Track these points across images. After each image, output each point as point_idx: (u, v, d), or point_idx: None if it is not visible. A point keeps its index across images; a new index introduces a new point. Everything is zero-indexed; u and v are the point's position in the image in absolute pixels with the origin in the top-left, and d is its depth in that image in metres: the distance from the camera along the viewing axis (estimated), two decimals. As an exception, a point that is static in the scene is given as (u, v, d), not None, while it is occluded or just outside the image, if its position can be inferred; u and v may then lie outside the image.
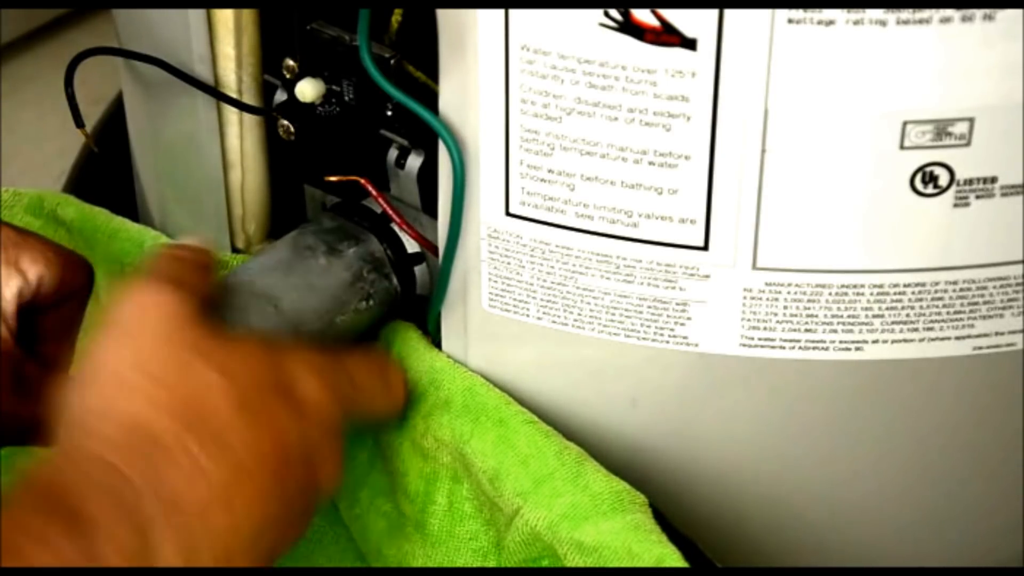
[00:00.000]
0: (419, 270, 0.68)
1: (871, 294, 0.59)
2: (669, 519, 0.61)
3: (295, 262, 0.65)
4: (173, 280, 0.57)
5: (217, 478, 0.53)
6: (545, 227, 0.60)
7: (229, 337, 0.57)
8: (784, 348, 0.60)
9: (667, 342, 0.61)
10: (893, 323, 0.59)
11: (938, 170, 0.56)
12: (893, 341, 0.60)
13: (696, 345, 0.61)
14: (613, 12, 0.54)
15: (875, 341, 0.60)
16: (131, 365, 0.55)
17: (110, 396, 0.54)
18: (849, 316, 0.59)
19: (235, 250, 0.74)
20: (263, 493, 0.54)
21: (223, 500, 0.53)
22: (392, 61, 0.63)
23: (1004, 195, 0.57)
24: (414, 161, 0.65)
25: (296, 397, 0.57)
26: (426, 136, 0.64)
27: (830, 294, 0.59)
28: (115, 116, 0.85)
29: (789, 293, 0.59)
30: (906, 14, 0.53)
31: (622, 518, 0.59)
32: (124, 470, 0.52)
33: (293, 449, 0.56)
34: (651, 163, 0.57)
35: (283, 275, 0.65)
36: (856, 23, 0.53)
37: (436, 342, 0.66)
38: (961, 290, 0.59)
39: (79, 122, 0.71)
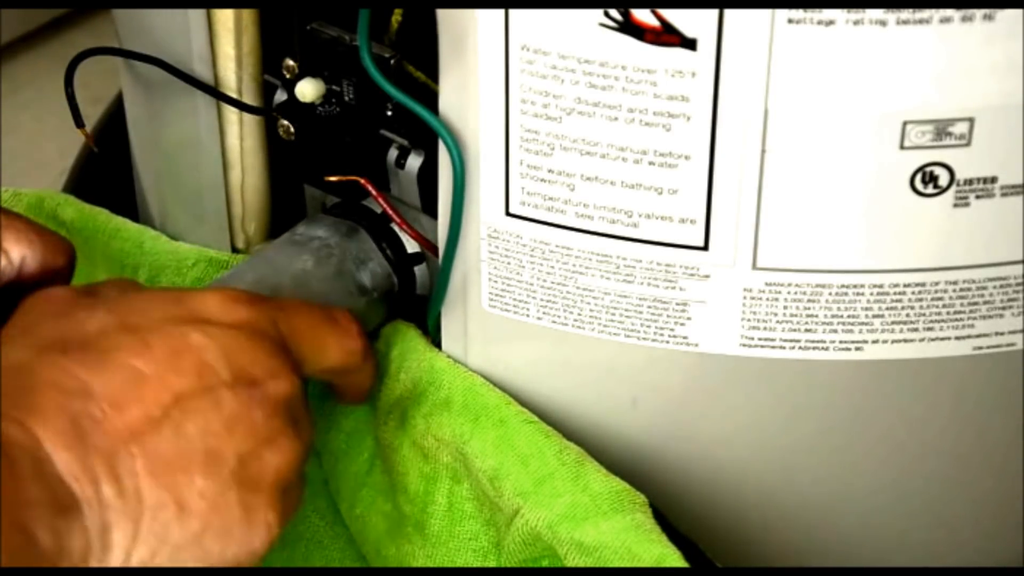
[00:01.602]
0: (419, 270, 0.68)
1: (871, 294, 0.59)
2: (669, 519, 0.61)
3: (284, 260, 0.65)
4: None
5: (110, 387, 0.50)
6: (545, 227, 0.60)
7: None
8: (784, 348, 0.60)
9: (667, 342, 0.61)
10: (893, 323, 0.59)
11: (938, 170, 0.56)
12: (893, 341, 0.60)
13: (696, 345, 0.61)
14: (613, 12, 0.54)
15: (875, 341, 0.60)
16: (17, 331, 0.53)
17: None
18: (849, 316, 0.59)
19: (235, 250, 0.73)
20: (177, 395, 0.51)
21: (119, 407, 0.50)
22: (392, 61, 0.63)
23: (1004, 195, 0.57)
24: (414, 161, 0.65)
25: (206, 319, 0.53)
26: (426, 136, 0.64)
27: (830, 294, 0.59)
28: (115, 116, 0.85)
29: (789, 293, 0.59)
30: (906, 14, 0.53)
31: (622, 518, 0.59)
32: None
33: (204, 352, 0.52)
34: (651, 163, 0.57)
35: (271, 271, 0.65)
36: (856, 23, 0.53)
37: (436, 342, 0.66)
38: (961, 290, 0.59)
39: (79, 122, 0.71)
